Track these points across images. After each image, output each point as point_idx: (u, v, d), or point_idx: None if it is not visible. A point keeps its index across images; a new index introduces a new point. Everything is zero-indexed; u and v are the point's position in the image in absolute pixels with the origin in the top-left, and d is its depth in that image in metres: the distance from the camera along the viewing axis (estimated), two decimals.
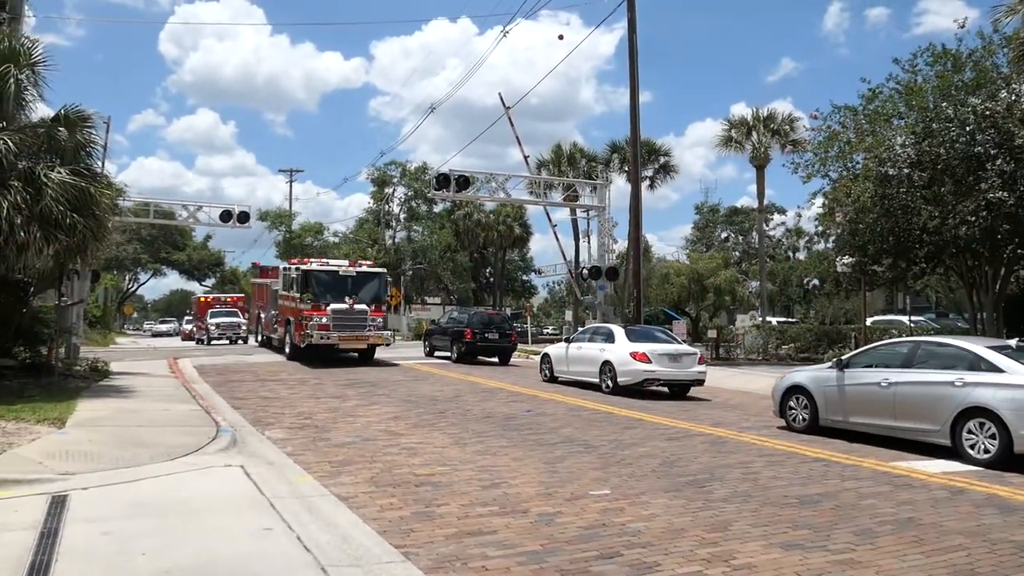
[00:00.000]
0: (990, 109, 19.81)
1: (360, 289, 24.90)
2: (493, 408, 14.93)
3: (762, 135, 36.73)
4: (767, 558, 6.07)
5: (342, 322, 24.06)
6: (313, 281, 24.54)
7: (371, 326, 24.63)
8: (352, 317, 24.24)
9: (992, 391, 10.16)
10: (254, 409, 14.12)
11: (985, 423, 10.11)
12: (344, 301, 24.17)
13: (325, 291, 24.40)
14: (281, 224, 66.51)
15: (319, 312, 23.92)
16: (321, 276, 24.86)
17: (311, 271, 24.89)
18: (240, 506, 7.18)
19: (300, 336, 24.22)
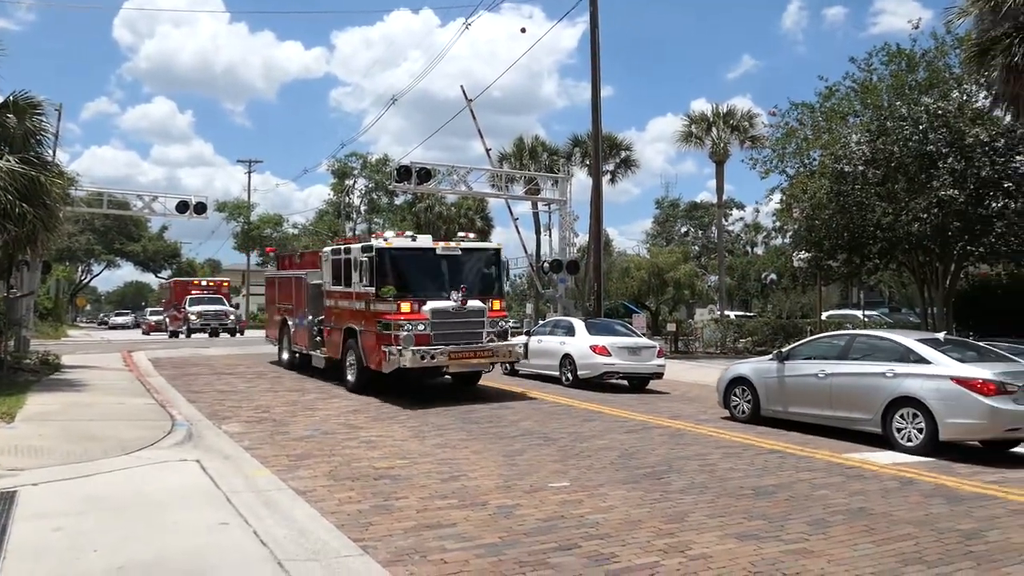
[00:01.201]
0: (942, 108, 20.27)
1: (467, 277, 15.56)
2: (452, 401, 14.89)
3: (722, 131, 37.11)
4: (722, 548, 6.16)
5: (448, 330, 14.91)
6: (395, 266, 15.24)
7: (491, 333, 15.41)
8: (463, 321, 15.07)
9: (920, 382, 10.51)
10: (211, 403, 13.94)
11: (914, 412, 10.46)
12: (447, 296, 15.05)
13: (413, 282, 15.33)
14: (239, 215, 65.64)
15: (411, 315, 14.59)
16: (407, 258, 15.56)
17: (392, 251, 15.33)
18: (196, 500, 7.08)
19: (379, 354, 14.68)
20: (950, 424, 10.14)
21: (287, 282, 20.64)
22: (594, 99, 28.28)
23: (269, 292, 22.86)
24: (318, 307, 18.00)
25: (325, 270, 17.50)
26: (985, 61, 17.88)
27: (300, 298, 19.21)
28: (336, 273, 16.84)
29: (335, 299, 16.88)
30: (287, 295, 20.37)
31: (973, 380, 10.10)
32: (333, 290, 16.97)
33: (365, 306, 15.32)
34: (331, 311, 17.17)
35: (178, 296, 43.83)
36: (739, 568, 5.71)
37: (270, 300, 22.58)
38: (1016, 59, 16.80)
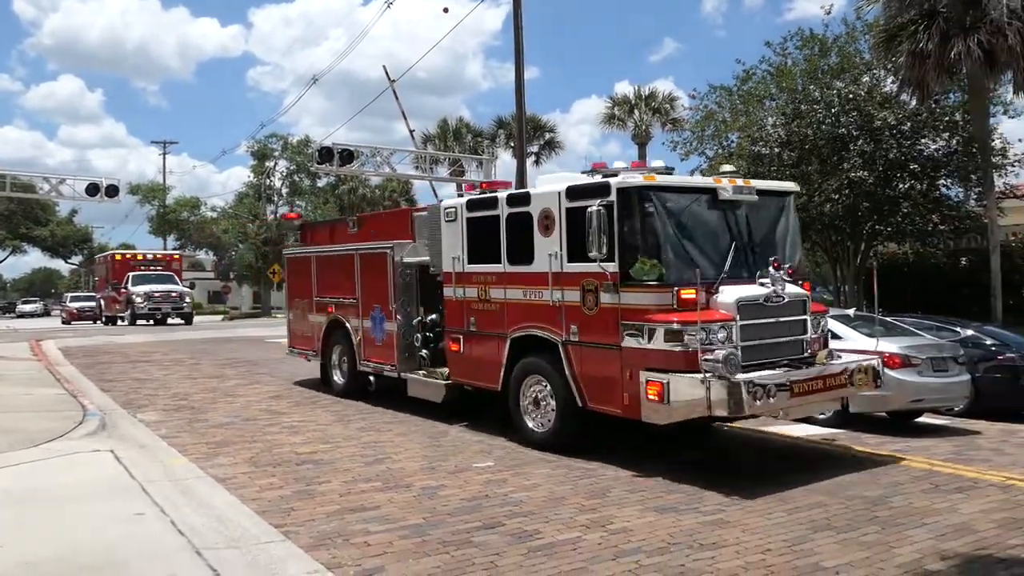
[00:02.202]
0: (853, 93, 20.97)
1: (768, 242, 8.79)
2: None
3: (644, 113, 37.58)
4: (643, 522, 6.30)
5: (763, 338, 8.17)
6: (660, 221, 8.07)
7: (814, 340, 8.72)
8: (782, 323, 8.37)
9: None
10: (125, 391, 13.51)
11: None
12: (747, 277, 8.35)
13: (690, 251, 8.16)
14: (154, 198, 63.57)
15: (703, 316, 7.65)
16: (680, 207, 8.27)
17: (656, 192, 8.12)
18: (109, 492, 6.88)
19: (631, 388, 7.95)
20: (859, 397, 10.55)
21: (341, 262, 12.90)
22: (518, 81, 28.23)
23: (297, 279, 14.50)
24: (417, 300, 11.53)
25: (448, 238, 10.33)
26: (892, 47, 18.51)
27: (377, 286, 11.93)
28: (483, 241, 9.84)
29: (484, 285, 9.75)
30: (341, 282, 12.78)
31: (880, 354, 10.52)
32: (478, 271, 9.83)
33: (582, 297, 8.46)
34: (469, 307, 9.99)
35: (117, 273, 35.65)
36: (658, 540, 5.85)
37: (299, 290, 14.30)
38: (921, 45, 17.45)
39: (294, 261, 14.77)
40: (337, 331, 13.06)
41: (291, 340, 14.76)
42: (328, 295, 13.28)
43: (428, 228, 11.06)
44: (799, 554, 5.57)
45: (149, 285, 33.83)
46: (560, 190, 8.77)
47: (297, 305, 14.47)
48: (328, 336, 13.33)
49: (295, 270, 14.63)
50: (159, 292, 33.72)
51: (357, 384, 12.71)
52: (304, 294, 14.08)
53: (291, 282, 14.86)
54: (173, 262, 39.78)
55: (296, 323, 14.53)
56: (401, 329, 11.49)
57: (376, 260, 12.00)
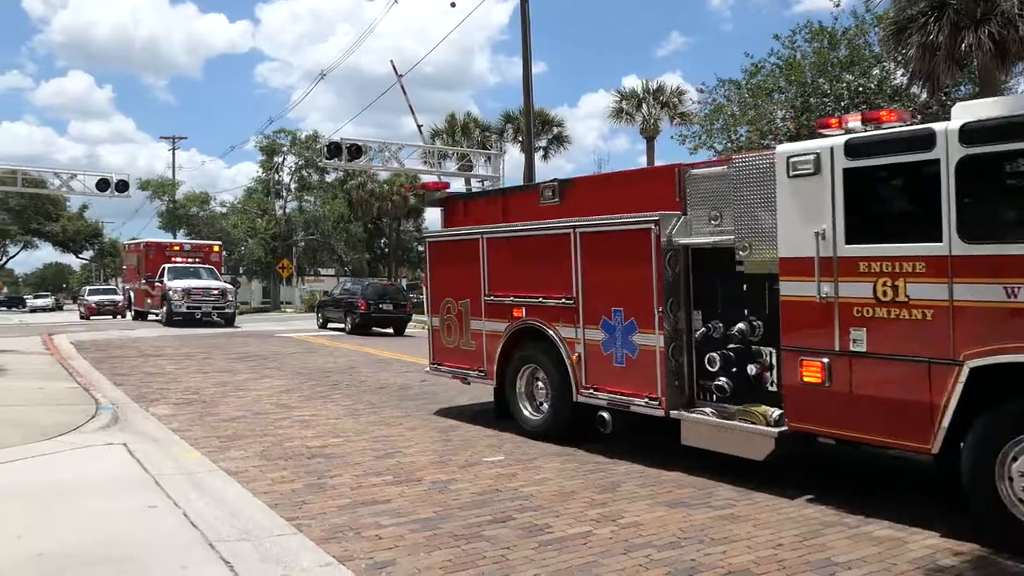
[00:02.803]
0: (863, 86, 20.91)
1: None
2: (388, 379, 14.84)
3: (652, 107, 37.52)
4: (653, 516, 6.30)
5: None
6: None
7: None
8: None
9: None
10: (137, 385, 13.59)
11: None
12: None
13: None
14: (164, 194, 63.80)
15: None
16: None
17: None
18: (122, 484, 6.92)
19: None
20: None
21: (541, 245, 9.12)
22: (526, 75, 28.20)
23: (448, 272, 10.74)
24: (690, 302, 7.87)
25: (795, 203, 6.66)
26: (902, 39, 18.44)
27: (620, 279, 8.22)
28: (888, 204, 6.56)
29: (894, 278, 6.05)
30: (542, 273, 9.07)
31: None
32: (878, 255, 6.15)
33: None
34: (852, 313, 6.34)
35: (151, 264, 31.94)
36: (668, 534, 5.85)
37: (453, 286, 10.51)
38: (931, 37, 17.37)
39: (443, 247, 10.92)
40: (529, 344, 9.32)
41: (437, 354, 10.92)
42: (513, 293, 9.44)
43: (720, 191, 7.53)
44: (811, 548, 5.57)
45: (187, 280, 29.19)
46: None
47: (449, 307, 10.57)
48: (510, 350, 9.56)
49: (445, 258, 10.84)
50: (198, 288, 28.87)
51: (569, 421, 8.86)
52: (462, 291, 10.26)
53: (437, 275, 10.96)
54: (212, 253, 35.06)
55: (448, 332, 10.59)
56: (670, 344, 7.75)
57: (620, 242, 8.11)
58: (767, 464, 7.05)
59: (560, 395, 8.89)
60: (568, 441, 8.78)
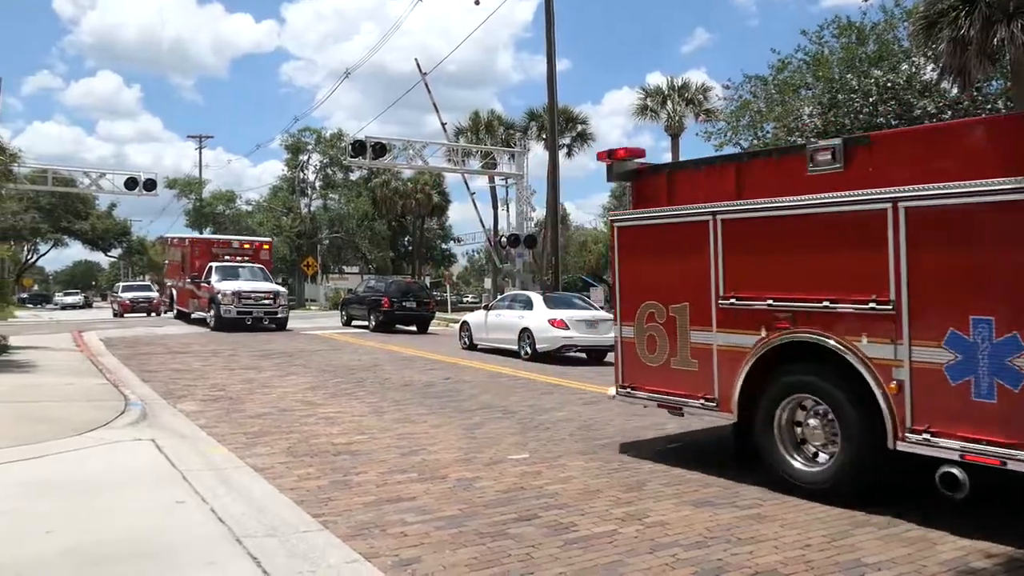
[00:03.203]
0: (891, 81, 20.63)
1: None
2: (412, 376, 14.89)
3: (677, 104, 37.33)
4: (679, 515, 6.26)
5: None
6: None
7: None
8: None
9: None
10: (165, 382, 13.73)
11: None
12: None
13: None
14: (191, 192, 64.53)
15: None
16: None
17: None
18: (151, 480, 6.99)
19: None
20: None
21: (829, 227, 6.69)
22: (550, 72, 28.17)
23: (650, 264, 8.31)
24: None
25: None
26: (932, 34, 18.18)
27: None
28: None
29: None
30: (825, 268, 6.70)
31: None
32: None
33: None
34: None
35: (197, 262, 28.78)
36: (695, 533, 5.81)
37: (658, 284, 8.13)
38: (962, 31, 17.11)
39: (643, 233, 8.32)
40: (798, 366, 7.01)
41: (631, 375, 8.43)
42: (770, 294, 7.10)
43: None
44: (840, 549, 5.50)
45: (237, 282, 26.14)
46: None
47: (652, 313, 8.11)
48: (762, 374, 7.20)
49: (645, 248, 8.30)
50: (250, 292, 25.75)
51: (874, 476, 6.58)
52: (676, 292, 7.87)
53: (631, 271, 8.47)
54: (261, 251, 31.15)
55: (649, 346, 8.16)
56: None
57: (995, 220, 5.70)
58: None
59: (861, 440, 6.43)
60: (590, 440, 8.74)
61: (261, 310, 25.99)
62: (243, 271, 27.88)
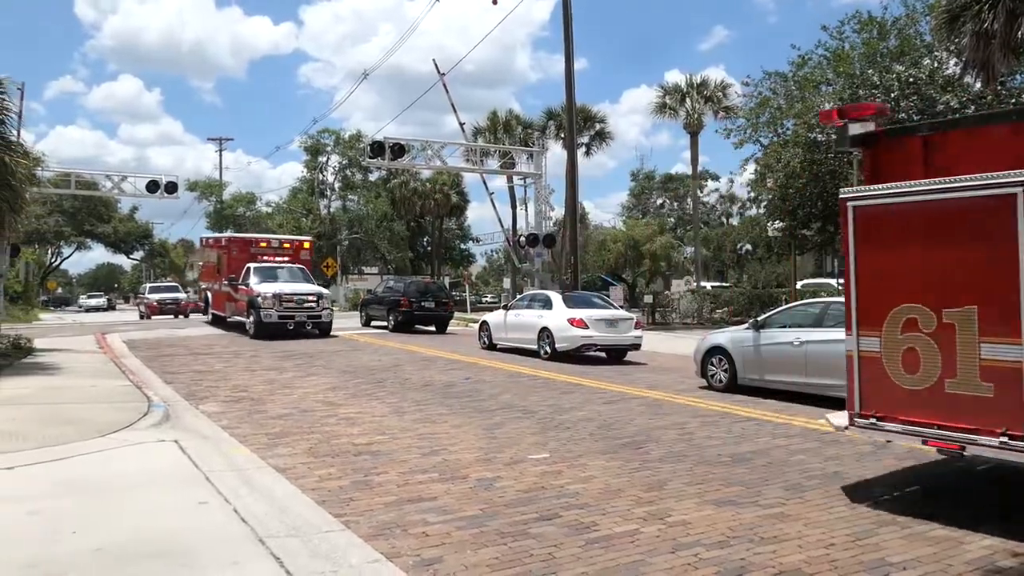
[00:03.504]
0: (913, 76, 20.40)
1: None
2: (432, 376, 14.91)
3: (695, 102, 37.12)
4: (701, 515, 6.23)
5: None
6: None
7: None
8: None
9: None
10: (187, 383, 13.83)
11: None
12: None
13: None
14: (211, 194, 64.99)
15: None
16: None
17: None
18: (174, 481, 7.04)
19: None
20: None
21: None
22: (568, 71, 28.14)
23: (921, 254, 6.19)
24: None
25: None
26: (955, 28, 17.97)
27: None
28: None
29: None
30: None
31: None
32: None
33: None
34: None
35: (234, 263, 26.58)
36: (717, 533, 5.77)
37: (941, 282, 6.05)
38: (986, 25, 16.90)
39: (896, 215, 6.44)
40: None
41: (877, 400, 6.55)
42: None
43: None
44: (864, 548, 5.45)
45: (277, 284, 24.07)
46: None
47: (912, 320, 6.24)
48: None
49: (899, 235, 6.42)
50: (292, 294, 23.55)
51: None
52: (952, 293, 6.02)
53: (875, 265, 6.58)
54: (302, 250, 28.50)
55: (905, 362, 6.31)
56: None
57: None
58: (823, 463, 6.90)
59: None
60: (611, 440, 8.71)
61: (303, 313, 23.51)
62: (283, 272, 25.31)
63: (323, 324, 24.14)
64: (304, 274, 25.90)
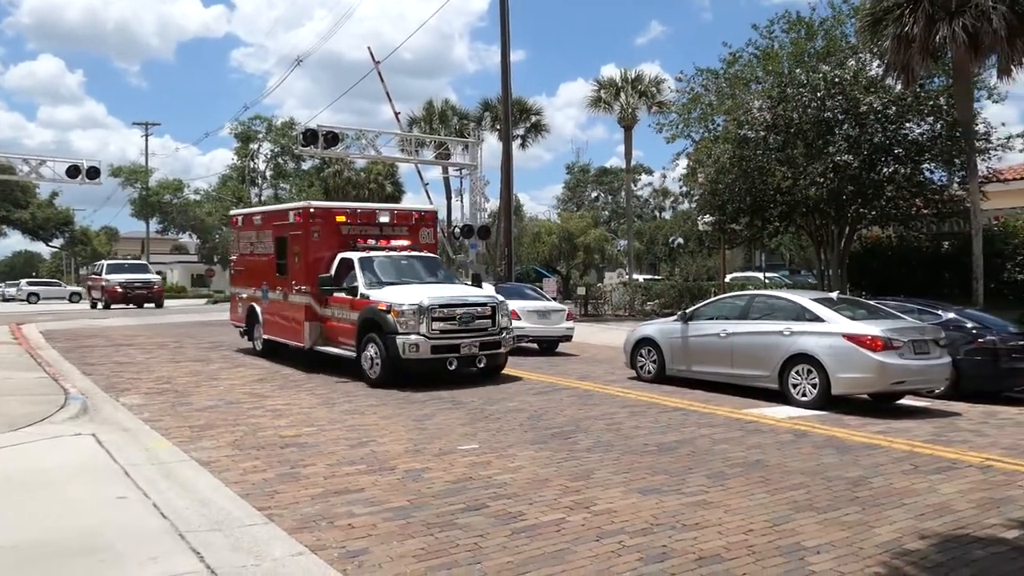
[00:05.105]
0: (839, 76, 20.96)
1: None
2: None
3: (630, 96, 37.43)
4: (626, 503, 6.33)
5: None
6: None
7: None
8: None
9: (815, 339, 10.98)
10: (107, 375, 13.43)
11: (808, 368, 10.94)
12: None
13: None
14: (136, 181, 63.00)
15: None
16: None
17: None
18: (92, 475, 6.84)
19: None
20: (841, 379, 10.64)
21: None
22: (504, 63, 28.13)
23: None
24: None
25: None
26: (878, 31, 18.51)
27: None
28: None
29: None
30: None
31: (863, 336, 10.60)
32: None
33: None
34: None
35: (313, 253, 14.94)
36: (641, 521, 5.88)
37: None
38: (906, 29, 17.46)
39: None
40: None
41: None
42: None
43: None
44: (781, 534, 5.62)
45: (415, 288, 13.60)
46: None
47: None
48: None
49: None
50: (454, 305, 13.23)
51: None
52: None
53: None
54: (422, 229, 16.36)
55: None
56: None
57: None
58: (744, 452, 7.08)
59: None
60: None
61: (473, 340, 13.06)
62: (409, 267, 14.67)
63: (500, 359, 13.82)
64: (445, 271, 15.92)
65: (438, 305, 12.85)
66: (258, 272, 17.03)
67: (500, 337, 13.47)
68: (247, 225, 18.07)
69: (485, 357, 13.27)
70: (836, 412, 10.41)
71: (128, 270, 36.29)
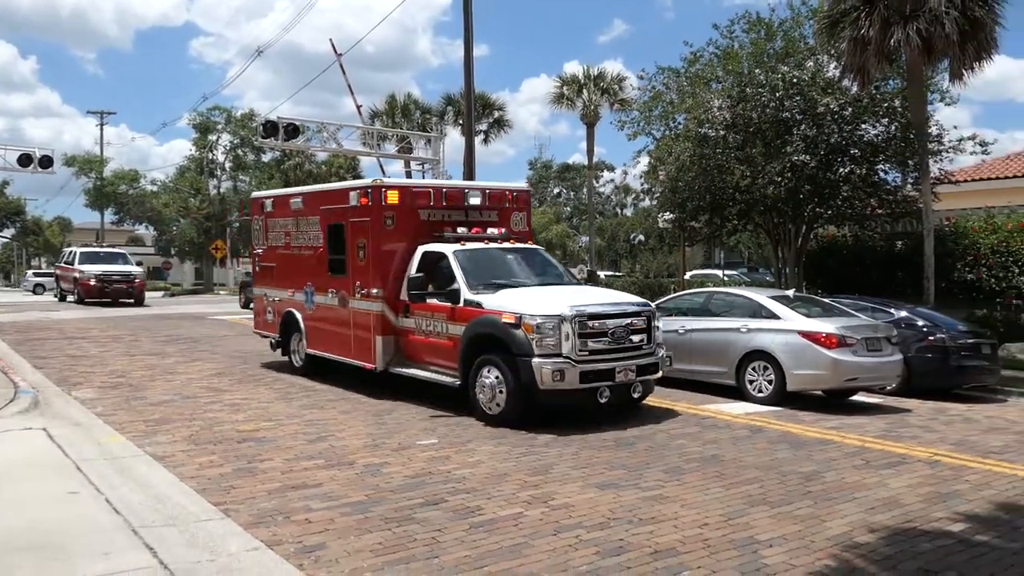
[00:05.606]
0: (797, 77, 21.22)
1: None
2: None
3: (592, 93, 37.62)
4: (584, 498, 6.38)
5: None
6: None
7: None
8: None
9: (771, 336, 11.17)
10: (60, 368, 13.16)
11: (764, 365, 11.12)
12: None
13: None
14: (91, 170, 61.68)
15: None
16: None
17: None
18: (42, 471, 6.72)
19: None
20: (796, 375, 10.83)
21: None
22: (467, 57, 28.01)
23: None
24: None
25: None
26: (835, 33, 18.80)
27: None
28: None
29: None
30: None
31: (817, 334, 10.80)
32: None
33: None
34: None
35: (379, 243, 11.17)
36: (598, 515, 5.94)
37: None
38: (862, 32, 17.76)
39: None
40: None
41: None
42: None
43: None
44: (735, 527, 5.71)
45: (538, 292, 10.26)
46: None
47: None
48: None
49: None
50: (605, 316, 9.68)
51: None
52: None
53: None
54: (514, 213, 12.54)
55: None
56: None
57: None
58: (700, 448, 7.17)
59: None
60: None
61: (629, 363, 9.75)
62: (515, 264, 11.36)
63: (649, 386, 10.46)
64: (559, 267, 12.36)
65: (586, 316, 9.46)
66: (299, 269, 13.29)
67: (658, 358, 10.19)
68: (280, 210, 13.96)
69: (640, 384, 9.99)
70: (791, 408, 10.59)
71: (104, 259, 31.26)
